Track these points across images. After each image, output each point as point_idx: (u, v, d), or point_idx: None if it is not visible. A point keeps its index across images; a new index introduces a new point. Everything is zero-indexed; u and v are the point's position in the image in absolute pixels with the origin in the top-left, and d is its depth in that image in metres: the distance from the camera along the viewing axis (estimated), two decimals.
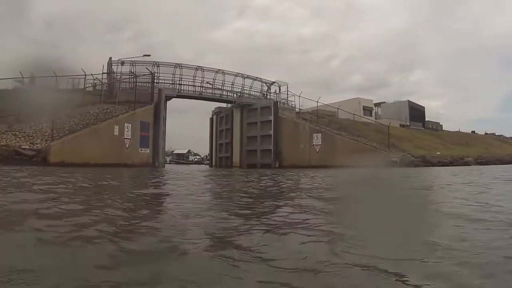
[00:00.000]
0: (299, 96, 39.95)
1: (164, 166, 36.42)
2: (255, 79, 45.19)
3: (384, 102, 68.63)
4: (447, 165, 35.08)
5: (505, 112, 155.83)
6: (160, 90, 35.24)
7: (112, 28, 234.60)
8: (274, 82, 45.15)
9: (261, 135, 38.57)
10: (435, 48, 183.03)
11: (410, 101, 66.49)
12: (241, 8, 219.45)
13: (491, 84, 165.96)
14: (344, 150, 33.25)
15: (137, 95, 32.88)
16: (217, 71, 42.73)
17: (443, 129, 66.22)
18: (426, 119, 67.13)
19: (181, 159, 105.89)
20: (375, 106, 63.91)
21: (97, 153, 25.69)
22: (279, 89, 43.66)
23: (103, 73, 35.03)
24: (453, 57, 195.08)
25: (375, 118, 52.56)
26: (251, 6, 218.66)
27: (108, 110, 30.27)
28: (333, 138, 35.11)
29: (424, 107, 69.68)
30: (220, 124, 46.23)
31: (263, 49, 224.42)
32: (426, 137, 52.61)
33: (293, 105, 41.31)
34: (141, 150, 31.50)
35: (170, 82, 40.36)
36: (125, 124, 29.26)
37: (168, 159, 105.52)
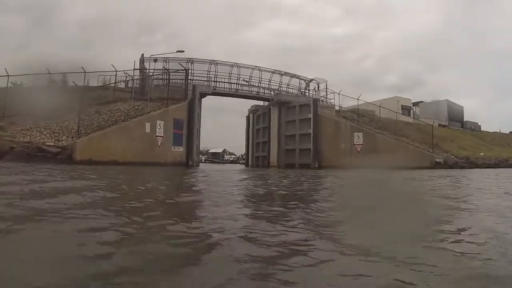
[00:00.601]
0: (339, 94, 38.99)
1: (198, 165, 36.10)
2: (292, 76, 44.49)
3: (422, 102, 66.95)
4: (492, 167, 34.03)
5: None
6: (194, 86, 34.74)
7: (146, 30, 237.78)
8: (312, 80, 44.32)
9: (300, 133, 37.81)
10: (469, 47, 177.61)
11: (449, 101, 64.74)
12: (272, 8, 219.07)
13: None
14: (386, 150, 32.31)
15: (170, 92, 32.50)
16: (254, 68, 42.20)
17: (481, 129, 64.10)
18: (464, 119, 65.20)
19: (217, 158, 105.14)
20: (413, 105, 62.34)
21: (127, 151, 25.26)
22: (318, 87, 42.81)
23: (134, 69, 34.87)
24: (488, 56, 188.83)
25: (413, 118, 51.10)
26: (282, 7, 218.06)
27: (140, 107, 29.92)
28: (374, 138, 34.12)
29: (462, 107, 67.70)
30: (257, 122, 45.70)
31: (296, 49, 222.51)
32: (466, 137, 51.67)
33: (333, 103, 40.37)
34: (174, 148, 30.95)
35: (205, 79, 40.10)
36: (157, 121, 28.75)
37: (203, 158, 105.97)
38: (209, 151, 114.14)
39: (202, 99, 37.42)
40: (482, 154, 39.10)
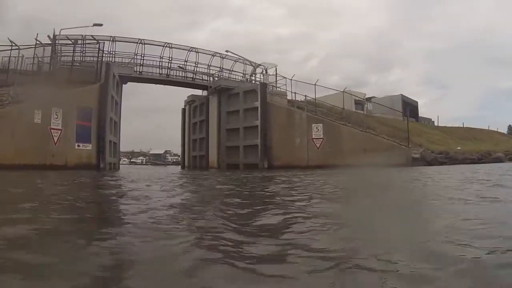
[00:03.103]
0: (291, 80, 31.82)
1: (117, 168, 28.47)
2: (236, 60, 36.96)
3: (374, 97, 62.53)
4: (476, 162, 28.91)
5: (483, 111, 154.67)
6: (108, 65, 27.02)
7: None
8: (260, 65, 36.81)
9: (245, 126, 30.33)
10: (413, 48, 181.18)
11: (403, 95, 61.14)
12: (218, 8, 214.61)
13: (470, 83, 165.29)
14: (353, 145, 25.78)
15: (80, 73, 25.60)
16: (190, 50, 34.59)
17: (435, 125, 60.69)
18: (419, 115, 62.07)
19: (158, 159, 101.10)
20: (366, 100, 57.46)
21: (7, 150, 18.33)
22: (266, 71, 35.30)
23: (36, 45, 26.07)
24: (431, 57, 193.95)
25: (366, 113, 45.44)
26: (228, 7, 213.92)
27: None
28: (338, 130, 27.32)
29: (417, 102, 65.10)
30: (194, 115, 37.92)
31: (241, 49, 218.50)
32: (432, 131, 47.09)
33: (284, 90, 32.97)
34: (78, 146, 23.67)
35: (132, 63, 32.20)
36: (53, 109, 21.51)
37: (144, 159, 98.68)
38: (150, 152, 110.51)
39: (124, 85, 30.65)
40: (459, 148, 33.34)
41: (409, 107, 60.00)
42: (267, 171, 23.58)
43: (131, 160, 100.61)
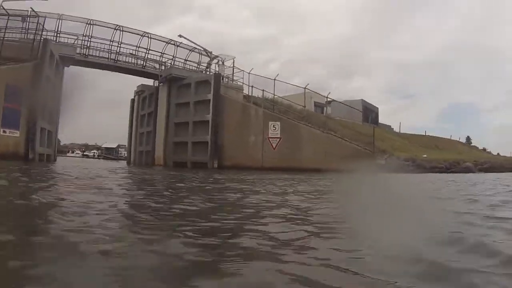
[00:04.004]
0: (249, 73, 29.04)
1: (53, 161, 25.55)
2: (192, 49, 33.79)
3: (334, 100, 60.68)
4: (444, 171, 27.21)
5: (444, 123, 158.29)
6: (46, 41, 23.80)
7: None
8: (217, 56, 33.67)
9: (195, 121, 27.21)
10: (378, 57, 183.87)
11: (364, 100, 59.51)
12: (184, 6, 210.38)
13: (433, 96, 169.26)
14: (313, 147, 23.27)
15: (14, 49, 22.67)
16: (143, 35, 31.31)
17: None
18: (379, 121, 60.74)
19: (111, 153, 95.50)
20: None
21: None
22: (222, 63, 32.17)
23: None
24: (396, 68, 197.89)
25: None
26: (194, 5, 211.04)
27: None
28: (297, 130, 24.77)
29: (378, 108, 63.56)
30: (142, 107, 34.42)
31: (206, 47, 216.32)
32: (394, 137, 45.70)
33: (241, 84, 30.07)
34: (4, 132, 20.45)
35: (78, 46, 28.99)
36: None
37: (96, 153, 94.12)
38: (103, 146, 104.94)
39: (66, 68, 27.41)
40: (425, 156, 31.56)
41: (370, 113, 58.77)
42: (216, 171, 20.67)
43: (84, 153, 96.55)
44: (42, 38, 24.29)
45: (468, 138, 66.12)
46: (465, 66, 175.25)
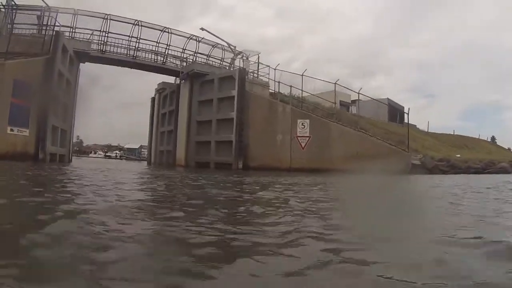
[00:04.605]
0: (275, 69, 27.59)
1: (67, 161, 24.35)
2: (215, 45, 32.59)
3: (360, 100, 59.03)
4: (480, 172, 25.66)
5: (466, 121, 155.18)
6: (58, 34, 22.86)
7: None
8: (241, 52, 32.39)
9: (218, 119, 25.95)
10: (399, 56, 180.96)
11: (390, 99, 57.46)
12: (204, 5, 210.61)
13: (454, 94, 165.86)
14: (345, 147, 21.77)
15: (26, 44, 21.57)
16: (163, 30, 30.16)
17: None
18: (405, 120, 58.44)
19: (133, 154, 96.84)
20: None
21: None
22: (247, 58, 30.83)
23: None
24: (417, 66, 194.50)
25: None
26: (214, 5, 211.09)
27: None
28: (327, 127, 23.23)
29: (403, 107, 61.00)
30: (163, 105, 33.41)
31: (226, 47, 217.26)
32: (425, 137, 43.97)
33: (266, 80, 28.64)
34: (11, 130, 19.10)
35: (96, 42, 28.21)
36: None
37: (118, 154, 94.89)
38: (126, 146, 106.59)
39: (82, 64, 26.65)
40: (458, 155, 29.78)
41: (395, 112, 56.88)
42: (242, 173, 19.34)
43: (106, 154, 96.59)
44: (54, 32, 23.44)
45: (493, 138, 63.90)
46: (486, 63, 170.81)
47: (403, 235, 3.13)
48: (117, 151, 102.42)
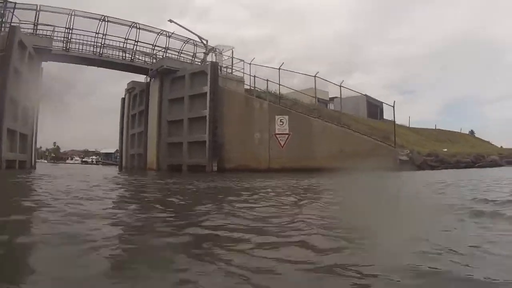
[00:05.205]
0: (250, 64, 25.80)
1: (30, 167, 22.78)
2: (187, 40, 30.70)
3: (336, 97, 58.09)
4: (471, 166, 24.44)
5: (445, 116, 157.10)
6: (13, 29, 20.56)
7: None
8: (214, 48, 30.42)
9: (190, 117, 23.99)
10: (377, 53, 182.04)
11: (368, 96, 56.56)
12: (182, 7, 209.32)
13: (434, 89, 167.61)
14: (328, 144, 20.12)
15: None
16: (131, 25, 28.16)
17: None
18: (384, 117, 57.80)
19: (109, 159, 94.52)
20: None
21: None
22: (220, 53, 28.90)
23: None
24: (395, 63, 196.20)
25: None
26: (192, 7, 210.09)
27: None
28: (308, 124, 21.57)
29: (382, 103, 60.42)
30: (133, 105, 31.24)
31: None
32: (406, 132, 42.89)
33: (241, 75, 26.82)
34: None
35: (61, 39, 26.10)
36: None
37: (94, 159, 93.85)
38: (102, 151, 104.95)
39: (44, 62, 24.88)
40: (445, 150, 28.59)
41: (374, 109, 56.06)
42: (216, 175, 17.44)
43: (83, 160, 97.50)
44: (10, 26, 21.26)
45: (472, 132, 63.66)
46: (466, 58, 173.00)
47: None
48: (93, 157, 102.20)
